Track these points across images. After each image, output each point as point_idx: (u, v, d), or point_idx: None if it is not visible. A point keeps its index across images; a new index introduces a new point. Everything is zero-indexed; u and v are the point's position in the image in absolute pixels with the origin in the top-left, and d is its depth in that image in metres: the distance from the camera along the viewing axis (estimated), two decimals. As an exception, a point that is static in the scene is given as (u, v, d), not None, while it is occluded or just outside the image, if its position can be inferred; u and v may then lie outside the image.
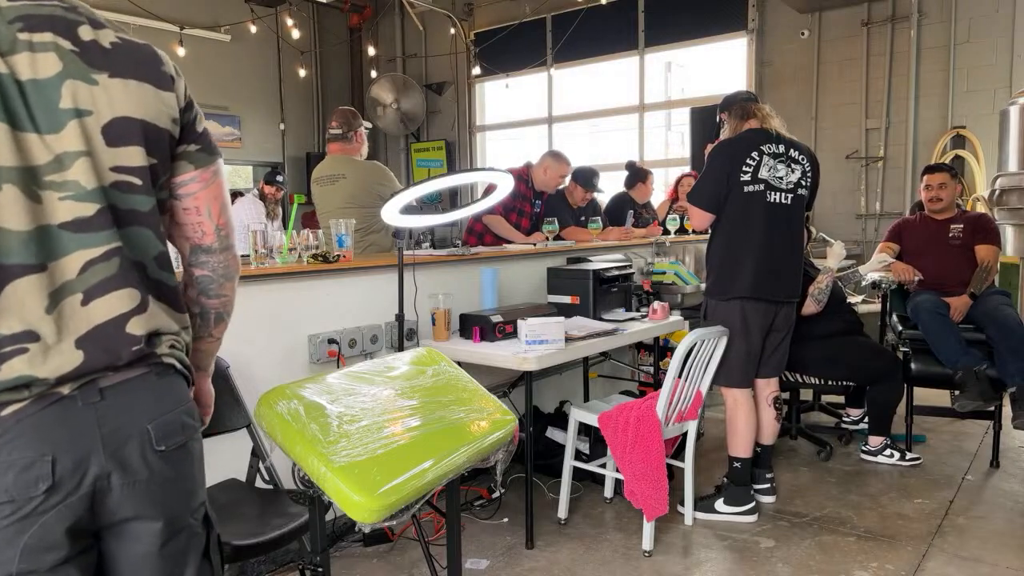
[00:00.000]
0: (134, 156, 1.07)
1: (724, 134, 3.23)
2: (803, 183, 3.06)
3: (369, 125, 3.87)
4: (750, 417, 3.09)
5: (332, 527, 2.04)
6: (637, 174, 5.43)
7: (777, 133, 3.03)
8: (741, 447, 3.08)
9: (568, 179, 4.71)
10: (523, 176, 4.43)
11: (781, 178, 3.00)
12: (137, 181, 1.08)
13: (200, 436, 1.19)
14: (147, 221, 1.10)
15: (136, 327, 1.06)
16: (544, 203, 4.65)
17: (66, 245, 1.01)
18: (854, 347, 3.68)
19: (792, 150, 3.04)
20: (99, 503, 1.03)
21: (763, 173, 2.97)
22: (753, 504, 3.07)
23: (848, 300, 4.02)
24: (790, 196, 3.02)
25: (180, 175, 1.18)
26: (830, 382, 3.76)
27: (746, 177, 2.97)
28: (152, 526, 1.08)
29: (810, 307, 3.42)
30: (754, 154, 2.97)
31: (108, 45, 1.07)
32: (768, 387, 3.20)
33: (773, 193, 2.99)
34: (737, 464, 3.08)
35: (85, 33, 1.04)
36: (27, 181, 0.98)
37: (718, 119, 3.41)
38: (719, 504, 3.07)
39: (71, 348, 1.01)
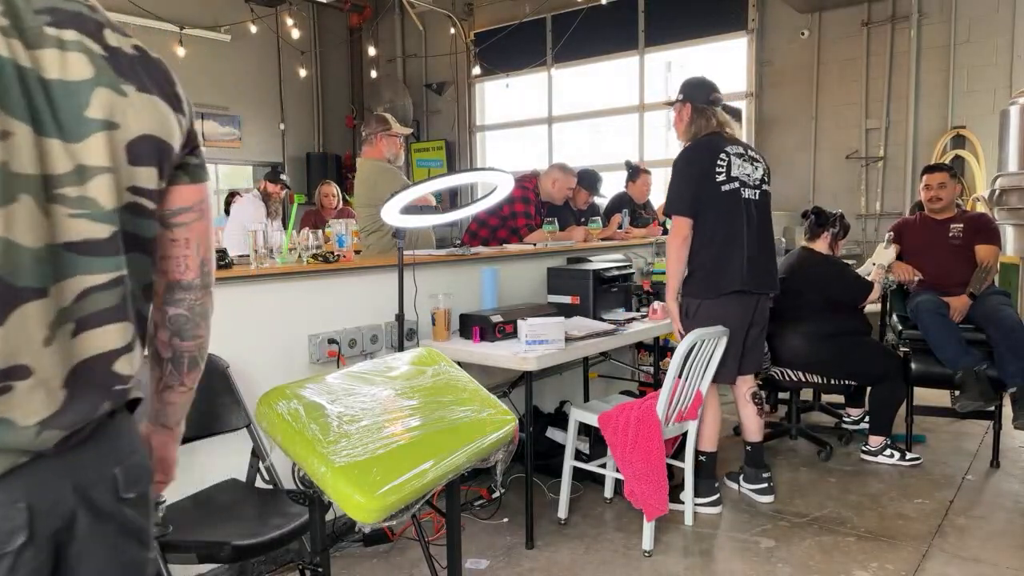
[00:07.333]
0: (150, 177, 0.98)
1: (681, 127, 3.17)
2: (766, 179, 3.18)
3: (401, 131, 3.88)
4: (717, 412, 3.19)
5: (332, 527, 2.04)
6: (632, 172, 5.48)
7: (733, 136, 3.14)
8: (707, 441, 3.16)
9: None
10: (531, 185, 4.44)
11: (749, 175, 3.09)
12: (150, 204, 0.99)
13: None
14: (148, 248, 1.01)
15: (124, 367, 0.96)
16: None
17: (67, 268, 0.89)
18: (859, 348, 3.68)
19: (750, 150, 3.17)
20: (62, 555, 0.93)
21: (735, 171, 3.04)
22: (718, 496, 3.15)
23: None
24: (759, 192, 3.12)
25: (174, 198, 1.06)
26: (832, 381, 3.77)
27: (721, 177, 3.02)
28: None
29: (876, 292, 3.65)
30: (722, 155, 3.04)
31: (131, 52, 0.98)
32: (745, 384, 3.24)
33: (746, 190, 3.07)
34: (702, 458, 3.14)
35: (111, 38, 0.95)
36: (41, 192, 0.86)
37: (678, 99, 3.18)
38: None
39: (58, 387, 0.89)
